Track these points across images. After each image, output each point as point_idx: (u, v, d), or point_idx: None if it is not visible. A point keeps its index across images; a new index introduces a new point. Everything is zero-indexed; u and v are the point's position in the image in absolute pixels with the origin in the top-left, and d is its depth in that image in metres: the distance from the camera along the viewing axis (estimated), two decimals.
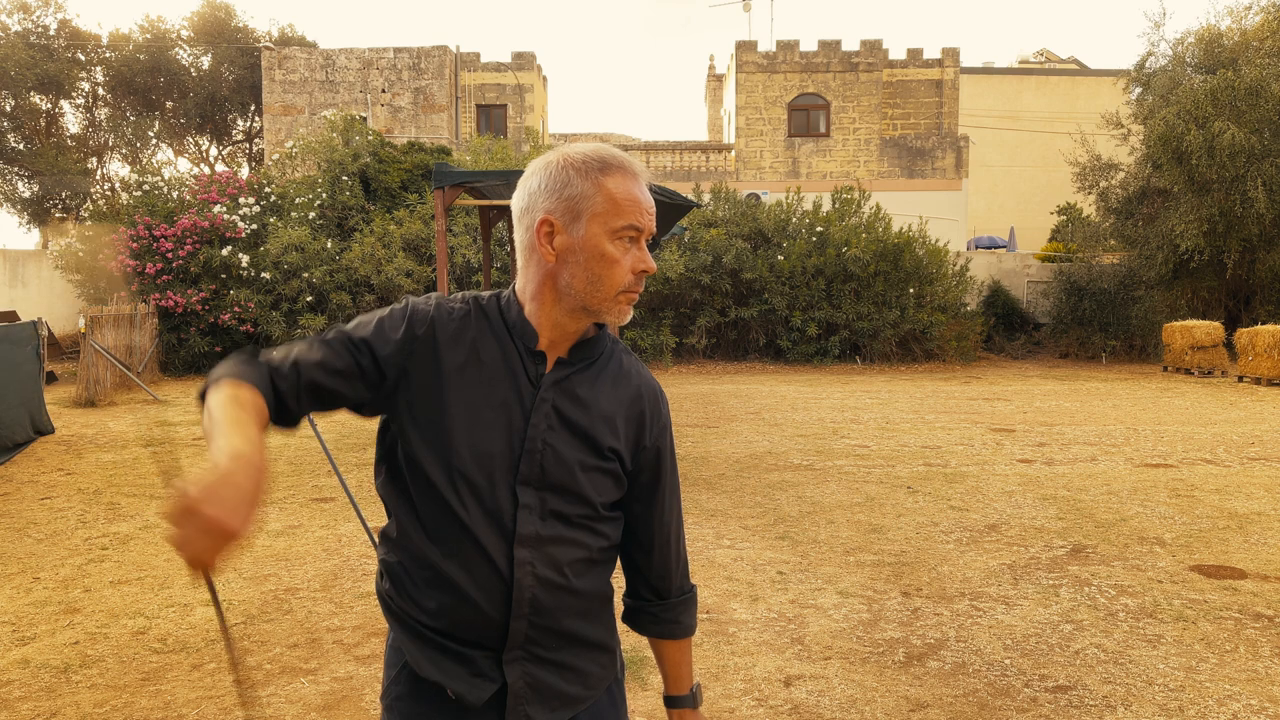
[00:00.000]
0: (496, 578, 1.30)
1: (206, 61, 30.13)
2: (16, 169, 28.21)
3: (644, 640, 3.95)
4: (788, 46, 26.32)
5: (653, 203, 1.35)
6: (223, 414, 1.15)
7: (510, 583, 1.30)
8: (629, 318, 1.34)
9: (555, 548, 1.33)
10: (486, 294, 1.40)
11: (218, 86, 29.67)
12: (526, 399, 1.32)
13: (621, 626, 1.51)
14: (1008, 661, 3.76)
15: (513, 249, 10.94)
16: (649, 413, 1.42)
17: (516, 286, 1.38)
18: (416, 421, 1.31)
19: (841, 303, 18.23)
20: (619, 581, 1.51)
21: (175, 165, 30.29)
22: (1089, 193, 21.07)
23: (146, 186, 17.38)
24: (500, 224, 14.25)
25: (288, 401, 1.28)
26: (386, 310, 1.36)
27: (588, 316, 1.34)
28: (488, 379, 1.32)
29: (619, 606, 1.50)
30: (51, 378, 14.12)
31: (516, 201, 1.37)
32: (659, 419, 1.44)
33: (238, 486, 1.04)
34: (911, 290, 18.38)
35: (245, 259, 16.22)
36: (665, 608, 1.51)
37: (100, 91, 30.10)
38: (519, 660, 1.32)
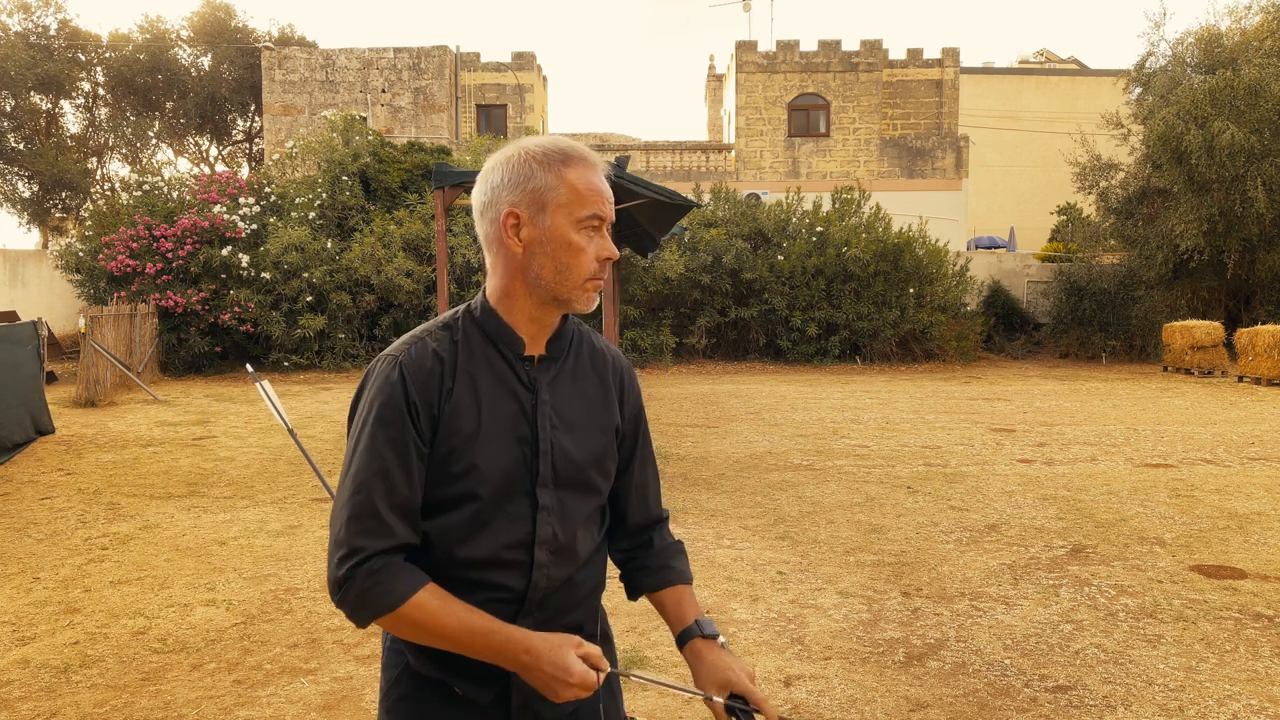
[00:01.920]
0: (514, 577, 1.32)
1: (206, 61, 30.14)
2: (16, 169, 28.21)
3: (643, 640, 3.95)
4: (788, 46, 26.32)
5: (612, 192, 1.37)
6: (457, 618, 1.25)
7: (528, 582, 1.33)
8: (595, 304, 1.36)
9: (570, 544, 1.36)
10: (450, 315, 1.38)
11: (218, 86, 29.66)
12: (527, 405, 1.34)
13: (621, 625, 1.51)
14: (1008, 661, 3.76)
15: None
16: (627, 380, 1.49)
17: (487, 290, 1.38)
18: (439, 458, 1.30)
19: (841, 303, 18.22)
20: (613, 578, 1.52)
21: (175, 165, 30.35)
22: (1089, 193, 21.06)
23: (146, 186, 17.38)
24: None
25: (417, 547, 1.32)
26: (378, 412, 1.29)
27: (558, 307, 1.35)
28: (489, 399, 1.32)
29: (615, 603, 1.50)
30: (51, 378, 14.11)
31: (478, 197, 1.36)
32: (634, 382, 1.51)
33: (551, 655, 1.23)
34: (911, 290, 18.37)
35: (245, 259, 16.22)
36: (653, 555, 1.51)
37: (100, 91, 30.12)
38: None
